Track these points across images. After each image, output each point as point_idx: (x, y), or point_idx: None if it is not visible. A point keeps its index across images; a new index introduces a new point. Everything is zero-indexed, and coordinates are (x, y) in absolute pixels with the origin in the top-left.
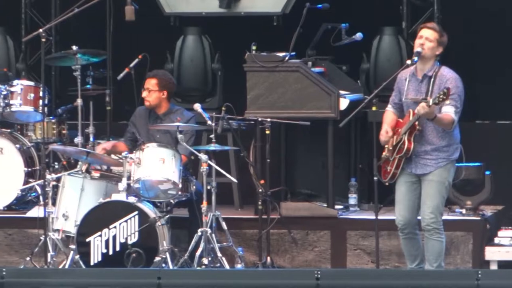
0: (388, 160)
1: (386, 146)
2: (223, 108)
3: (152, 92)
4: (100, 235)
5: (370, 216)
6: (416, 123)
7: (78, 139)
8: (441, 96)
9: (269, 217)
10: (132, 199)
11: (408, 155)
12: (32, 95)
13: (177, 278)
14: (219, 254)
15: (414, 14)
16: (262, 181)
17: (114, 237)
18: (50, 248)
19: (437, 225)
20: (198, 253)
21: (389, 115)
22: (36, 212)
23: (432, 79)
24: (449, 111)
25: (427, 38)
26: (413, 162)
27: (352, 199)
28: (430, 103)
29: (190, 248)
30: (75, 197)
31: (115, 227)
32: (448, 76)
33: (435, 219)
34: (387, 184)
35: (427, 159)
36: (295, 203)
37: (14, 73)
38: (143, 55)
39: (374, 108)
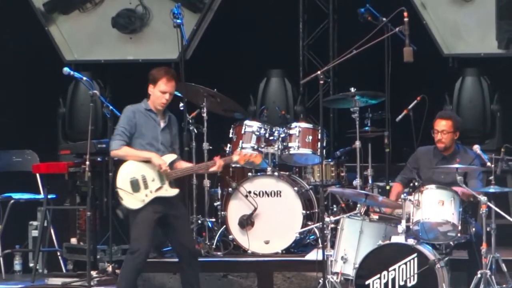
0: None
1: None
2: (502, 150)
3: (447, 134)
4: (379, 278)
5: None
6: None
7: (357, 182)
8: None
9: None
10: (411, 241)
11: None
12: (310, 137)
13: None
14: None
15: None
16: None
17: (394, 279)
18: None
19: None
20: None
21: None
22: (314, 255)
23: None
24: None
25: None
26: None
27: None
28: None
29: None
30: (354, 240)
31: (394, 269)
32: None
33: None
34: None
35: None
36: None
37: (292, 116)
38: (421, 97)
39: None
